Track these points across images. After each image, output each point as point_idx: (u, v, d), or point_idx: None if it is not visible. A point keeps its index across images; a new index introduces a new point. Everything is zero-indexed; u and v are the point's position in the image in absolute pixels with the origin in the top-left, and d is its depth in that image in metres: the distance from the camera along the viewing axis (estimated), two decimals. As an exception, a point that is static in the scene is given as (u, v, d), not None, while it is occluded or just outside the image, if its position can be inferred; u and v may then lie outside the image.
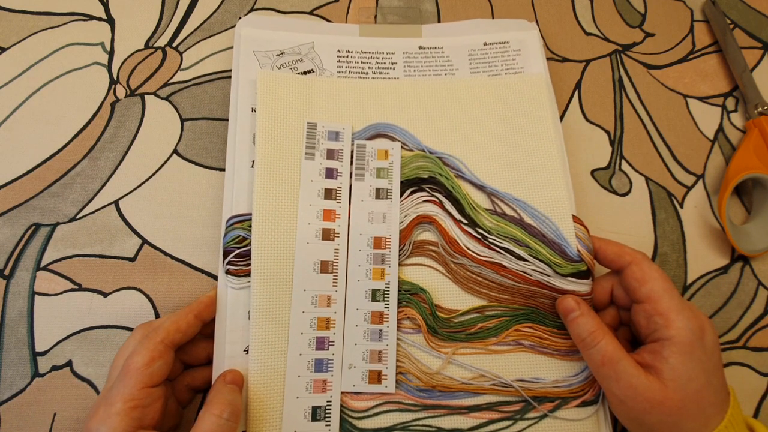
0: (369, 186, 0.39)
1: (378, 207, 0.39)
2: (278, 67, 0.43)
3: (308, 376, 0.35)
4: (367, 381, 0.35)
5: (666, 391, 0.30)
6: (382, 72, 0.45)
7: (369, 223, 0.38)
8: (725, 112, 0.48)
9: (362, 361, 0.36)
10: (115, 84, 0.45)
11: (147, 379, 0.30)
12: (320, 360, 0.35)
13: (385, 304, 0.37)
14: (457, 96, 0.43)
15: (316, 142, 0.40)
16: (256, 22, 0.45)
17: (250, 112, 0.41)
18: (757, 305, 0.42)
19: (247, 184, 0.39)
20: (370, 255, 0.38)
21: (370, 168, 0.40)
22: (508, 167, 0.41)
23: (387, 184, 0.39)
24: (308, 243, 0.37)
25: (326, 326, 0.36)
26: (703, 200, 0.45)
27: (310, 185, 0.39)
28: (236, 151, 0.40)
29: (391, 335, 0.36)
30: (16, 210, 0.41)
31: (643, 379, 0.31)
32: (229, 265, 0.37)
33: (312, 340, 0.36)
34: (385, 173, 0.40)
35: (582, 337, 0.33)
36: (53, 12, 0.47)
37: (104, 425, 0.28)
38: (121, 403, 0.28)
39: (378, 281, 0.37)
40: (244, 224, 0.37)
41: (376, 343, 0.36)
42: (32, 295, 0.38)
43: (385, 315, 0.37)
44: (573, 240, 0.38)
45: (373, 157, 0.40)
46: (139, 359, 0.30)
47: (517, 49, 0.46)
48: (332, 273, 0.37)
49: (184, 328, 0.33)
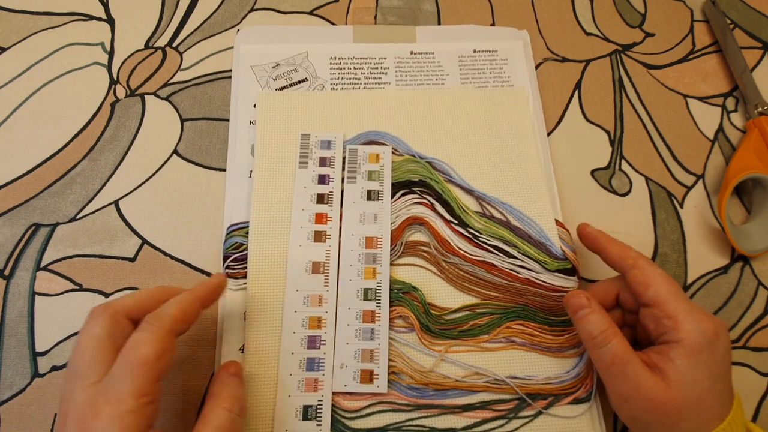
0: (360, 188, 0.40)
1: (370, 208, 0.40)
2: (274, 78, 0.45)
3: (300, 375, 0.35)
4: (358, 380, 0.35)
5: (669, 392, 0.30)
6: (375, 77, 0.46)
7: (360, 223, 0.39)
8: (725, 112, 0.48)
9: (354, 361, 0.36)
10: (115, 84, 0.45)
11: (158, 373, 0.27)
12: (312, 359, 0.36)
13: (377, 302, 0.37)
14: (445, 105, 0.45)
15: (309, 152, 0.41)
16: (253, 36, 0.47)
17: (248, 125, 0.44)
18: (757, 305, 0.42)
19: (245, 193, 0.41)
20: (361, 254, 0.38)
21: (361, 171, 0.41)
22: (493, 174, 0.42)
23: (378, 186, 0.40)
24: (300, 245, 0.38)
25: (318, 325, 0.36)
26: (703, 200, 0.45)
27: (303, 191, 0.40)
28: (236, 160, 0.42)
29: (383, 334, 0.36)
30: (16, 210, 0.41)
31: (650, 379, 0.31)
32: (227, 269, 0.39)
33: (304, 339, 0.36)
34: (377, 176, 0.41)
35: (593, 336, 0.32)
36: (53, 12, 0.47)
37: (114, 426, 0.25)
38: (132, 400, 0.25)
39: (370, 280, 0.38)
40: (242, 231, 0.39)
41: (368, 342, 0.36)
42: (32, 295, 0.38)
43: (376, 314, 0.37)
44: (557, 240, 0.40)
45: (365, 161, 0.41)
46: (149, 350, 0.27)
47: (504, 59, 0.48)
48: (323, 273, 0.38)
49: (191, 318, 0.30)
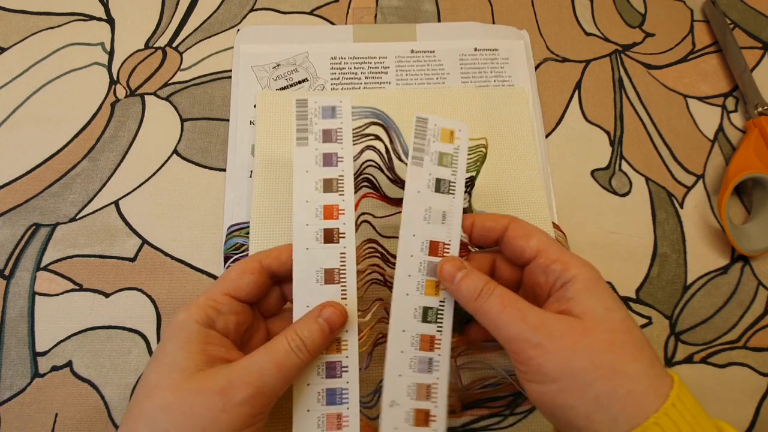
0: (428, 174, 0.31)
1: (437, 203, 0.31)
2: (274, 79, 0.45)
3: (319, 410, 0.30)
4: (412, 422, 0.29)
5: (584, 323, 0.26)
6: (375, 76, 0.46)
7: (425, 222, 0.31)
8: (725, 112, 0.48)
9: (407, 398, 0.30)
10: (115, 84, 0.45)
11: (232, 288, 0.30)
12: (332, 390, 0.30)
13: (438, 326, 0.30)
14: (446, 105, 0.44)
15: (309, 123, 0.32)
16: (253, 35, 0.47)
17: (248, 125, 0.44)
18: (757, 305, 0.42)
19: (245, 193, 0.41)
20: (424, 263, 0.30)
21: (431, 151, 0.31)
22: (493, 174, 0.42)
23: (450, 174, 0.31)
24: (308, 248, 0.31)
25: (337, 349, 0.30)
26: (703, 200, 0.45)
27: (305, 177, 0.31)
28: (236, 160, 0.42)
29: (443, 365, 0.30)
30: (16, 210, 0.41)
31: (555, 317, 0.27)
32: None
33: (321, 366, 0.30)
34: (449, 161, 0.31)
35: (478, 289, 0.28)
36: (53, 12, 0.47)
37: (183, 311, 0.29)
38: (204, 299, 0.29)
39: (431, 297, 0.30)
40: (242, 232, 0.39)
41: (425, 375, 0.30)
42: (33, 295, 0.38)
43: (436, 340, 0.30)
44: None
45: (436, 138, 0.31)
46: (233, 271, 0.30)
47: (505, 58, 0.48)
48: (339, 283, 0.31)
49: (283, 259, 0.31)
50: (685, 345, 0.41)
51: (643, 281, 0.42)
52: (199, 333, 0.28)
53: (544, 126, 0.46)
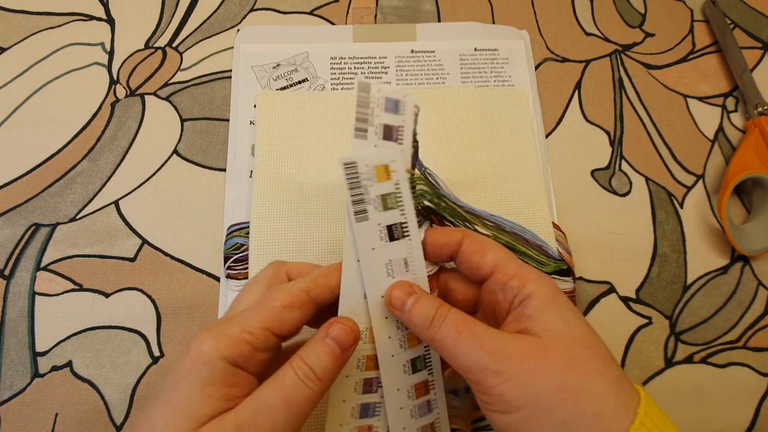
0: (377, 225, 0.28)
1: (396, 251, 0.28)
2: (274, 79, 0.45)
3: (352, 423, 0.29)
4: None
5: (544, 342, 0.25)
6: (375, 77, 0.47)
7: (389, 278, 0.28)
8: (725, 112, 0.48)
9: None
10: (115, 84, 0.45)
11: (275, 322, 0.25)
12: (366, 405, 0.30)
13: (428, 370, 0.30)
14: (446, 105, 0.44)
15: (370, 114, 0.28)
16: (253, 35, 0.47)
17: (248, 125, 0.44)
18: (757, 305, 0.42)
19: (245, 193, 0.41)
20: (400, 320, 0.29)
21: (371, 198, 0.27)
22: (493, 175, 0.42)
23: (400, 215, 0.28)
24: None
25: (375, 366, 0.29)
26: (703, 200, 0.45)
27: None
28: (236, 160, 0.42)
29: (440, 400, 0.30)
30: (16, 210, 0.41)
31: (513, 338, 0.25)
32: (228, 270, 0.38)
33: (359, 383, 0.30)
34: (393, 201, 0.28)
35: (430, 316, 0.26)
36: (53, 12, 0.47)
37: (209, 340, 0.24)
38: (238, 329, 0.25)
39: (416, 347, 0.30)
40: (242, 232, 0.39)
41: (425, 417, 0.30)
42: (33, 295, 0.38)
43: (430, 383, 0.30)
44: (553, 243, 0.40)
45: (372, 180, 0.27)
46: (277, 299, 0.26)
47: (505, 58, 0.48)
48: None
49: (333, 286, 0.27)
50: (685, 345, 0.41)
51: (643, 281, 0.42)
52: (224, 373, 0.24)
53: (544, 126, 0.46)
